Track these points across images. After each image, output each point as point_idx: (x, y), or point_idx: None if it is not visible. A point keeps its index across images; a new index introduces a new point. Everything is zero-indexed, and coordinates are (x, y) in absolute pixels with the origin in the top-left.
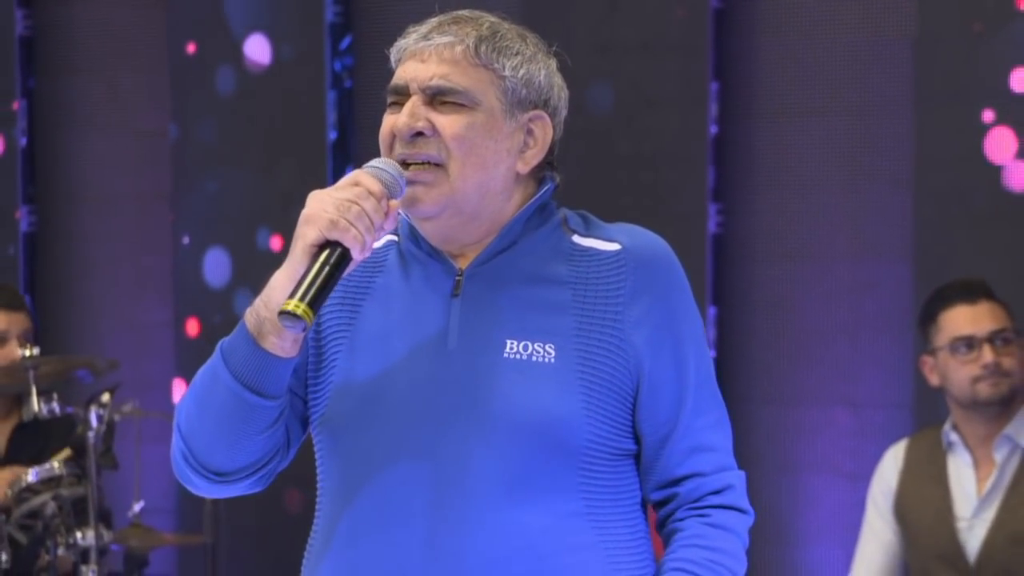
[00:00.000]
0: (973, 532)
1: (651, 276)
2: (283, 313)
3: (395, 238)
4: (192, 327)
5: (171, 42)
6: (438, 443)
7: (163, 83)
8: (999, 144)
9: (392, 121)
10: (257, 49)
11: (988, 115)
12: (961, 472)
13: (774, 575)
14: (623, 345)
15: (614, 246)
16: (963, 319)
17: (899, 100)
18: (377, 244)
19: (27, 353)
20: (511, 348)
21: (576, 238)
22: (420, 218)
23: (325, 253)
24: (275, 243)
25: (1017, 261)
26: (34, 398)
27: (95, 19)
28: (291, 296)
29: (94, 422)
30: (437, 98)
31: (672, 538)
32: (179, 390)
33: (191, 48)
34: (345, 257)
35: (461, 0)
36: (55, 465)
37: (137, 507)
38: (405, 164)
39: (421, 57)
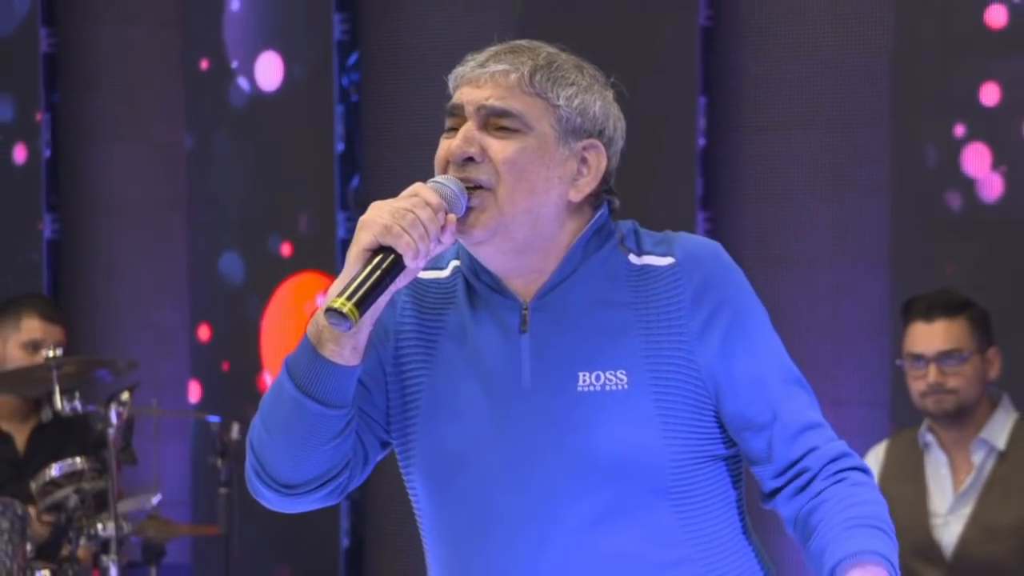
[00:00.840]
0: (949, 528)
1: (705, 282)
2: (329, 310)
3: (458, 263)
4: (205, 329)
5: (186, 59)
6: (528, 482)
7: (179, 97)
8: (972, 156)
9: (447, 145)
10: (268, 66)
11: (960, 128)
12: (938, 471)
13: None
14: (692, 357)
15: (668, 260)
16: (917, 336)
17: (877, 114)
18: (443, 273)
19: (51, 354)
20: (584, 381)
21: (632, 258)
22: (472, 244)
23: (378, 258)
24: (285, 249)
25: (987, 268)
26: (57, 396)
27: (115, 37)
28: (339, 295)
29: (114, 419)
30: (491, 121)
31: (820, 509)
32: (195, 389)
33: (204, 64)
34: (397, 264)
35: (467, 24)
36: (77, 460)
37: (155, 500)
38: None
39: (476, 83)
